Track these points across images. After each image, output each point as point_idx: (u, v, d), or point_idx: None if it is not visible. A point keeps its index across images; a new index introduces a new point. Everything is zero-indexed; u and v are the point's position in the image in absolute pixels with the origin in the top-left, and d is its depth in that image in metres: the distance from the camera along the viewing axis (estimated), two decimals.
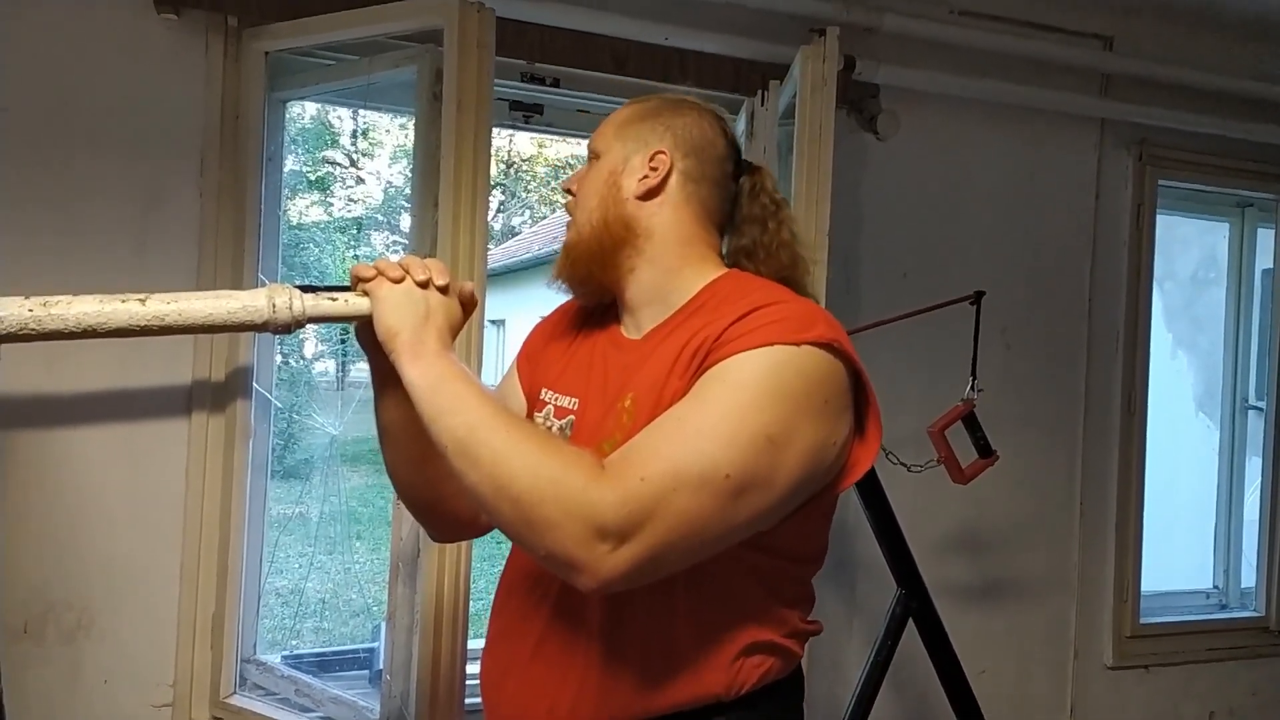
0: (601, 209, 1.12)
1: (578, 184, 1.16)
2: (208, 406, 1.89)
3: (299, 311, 1.02)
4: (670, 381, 1.01)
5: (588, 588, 0.89)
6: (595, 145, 1.16)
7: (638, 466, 0.89)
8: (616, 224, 1.11)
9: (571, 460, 0.90)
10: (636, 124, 1.14)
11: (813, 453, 0.95)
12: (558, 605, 1.06)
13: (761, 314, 0.98)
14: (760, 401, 0.92)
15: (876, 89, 2.36)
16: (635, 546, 0.87)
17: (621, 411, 1.04)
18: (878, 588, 2.28)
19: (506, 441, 0.91)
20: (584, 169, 1.17)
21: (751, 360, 0.94)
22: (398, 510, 1.80)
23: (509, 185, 13.22)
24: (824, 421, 0.96)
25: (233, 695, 1.91)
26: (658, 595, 0.99)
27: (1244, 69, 2.73)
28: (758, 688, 1.04)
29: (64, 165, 1.81)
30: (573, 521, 0.86)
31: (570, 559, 0.87)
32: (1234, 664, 2.88)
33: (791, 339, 0.95)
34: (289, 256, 2.57)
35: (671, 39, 2.14)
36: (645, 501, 0.87)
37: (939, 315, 2.10)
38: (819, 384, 0.96)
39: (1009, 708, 2.57)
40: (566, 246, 1.15)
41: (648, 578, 0.92)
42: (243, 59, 1.89)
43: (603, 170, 1.13)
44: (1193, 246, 3.56)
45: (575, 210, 1.15)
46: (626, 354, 1.11)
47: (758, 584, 1.03)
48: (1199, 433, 3.32)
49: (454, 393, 0.95)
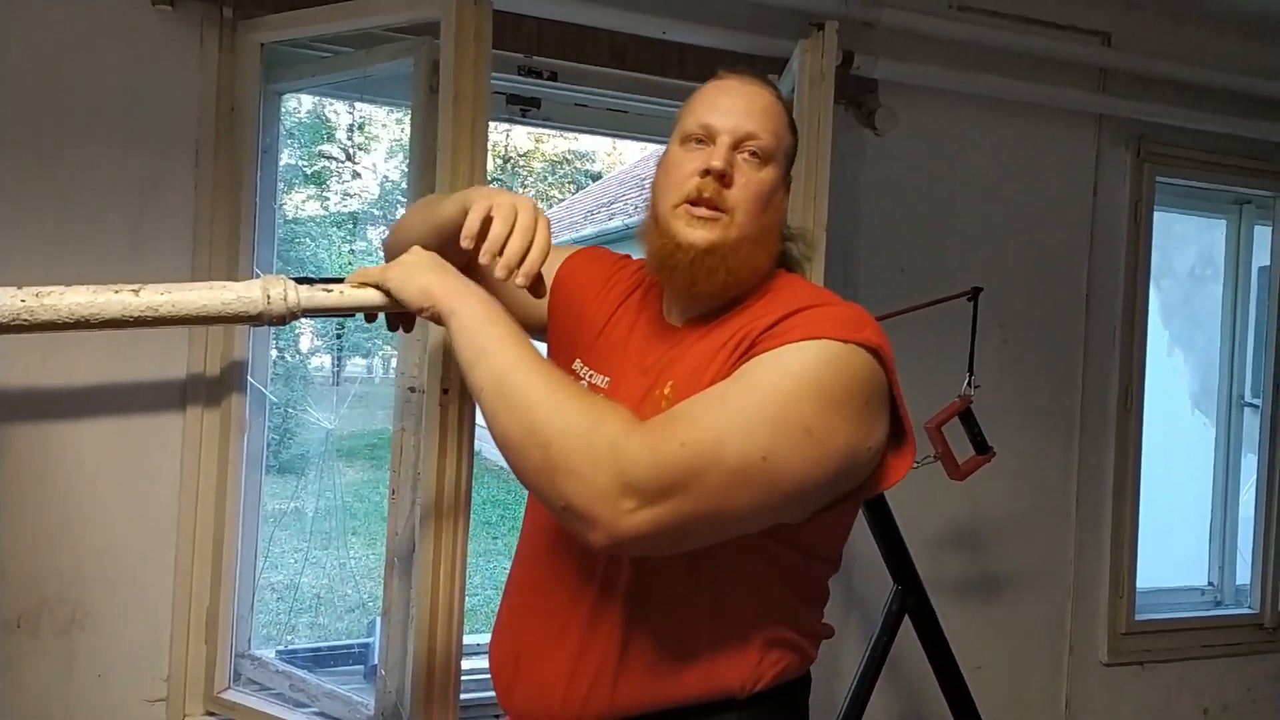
0: (772, 227, 1.09)
1: (741, 177, 1.05)
2: (202, 400, 1.88)
3: (294, 303, 1.01)
4: (710, 369, 1.01)
5: (600, 544, 0.88)
6: (765, 144, 1.06)
7: (680, 432, 0.88)
8: (774, 247, 1.10)
9: (608, 411, 0.89)
10: (792, 143, 1.12)
11: (849, 452, 0.95)
12: (579, 587, 1.05)
13: (815, 312, 0.99)
14: (804, 393, 0.92)
15: (875, 84, 2.36)
16: (660, 510, 0.86)
17: (660, 399, 1.03)
18: (874, 584, 2.28)
19: (545, 386, 0.90)
20: (734, 155, 1.05)
21: (801, 351, 0.94)
22: (393, 506, 1.79)
23: (506, 180, 13.20)
24: (862, 423, 0.96)
25: (227, 690, 1.91)
26: (682, 584, 0.99)
27: (1243, 65, 2.73)
28: (771, 686, 1.03)
29: (58, 156, 1.80)
30: (600, 473, 0.85)
31: (589, 511, 0.86)
32: (1229, 661, 2.89)
33: (841, 335, 0.95)
34: (285, 251, 2.56)
35: (670, 32, 2.13)
36: (681, 467, 0.86)
37: (936, 311, 2.10)
38: (862, 385, 0.96)
39: (1004, 704, 2.57)
40: (719, 250, 1.04)
41: (664, 547, 0.91)
42: (238, 50, 1.88)
43: (775, 181, 1.08)
44: (1190, 243, 3.57)
45: (736, 209, 1.04)
46: (669, 341, 1.11)
47: (781, 580, 1.04)
48: (1195, 429, 3.33)
49: (496, 336, 0.96)
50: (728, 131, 1.05)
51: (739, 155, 1.05)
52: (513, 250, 0.99)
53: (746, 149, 1.05)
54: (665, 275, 1.08)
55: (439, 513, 1.68)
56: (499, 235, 0.99)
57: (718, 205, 1.04)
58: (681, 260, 1.04)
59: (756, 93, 1.09)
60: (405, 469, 1.77)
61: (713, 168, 1.03)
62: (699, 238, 1.03)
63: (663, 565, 0.97)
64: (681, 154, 1.07)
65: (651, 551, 0.91)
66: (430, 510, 1.68)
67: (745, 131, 1.05)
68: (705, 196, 1.04)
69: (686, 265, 1.04)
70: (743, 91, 1.08)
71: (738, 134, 1.05)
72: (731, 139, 1.05)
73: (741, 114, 1.06)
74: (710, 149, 1.05)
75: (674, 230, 1.05)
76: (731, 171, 1.04)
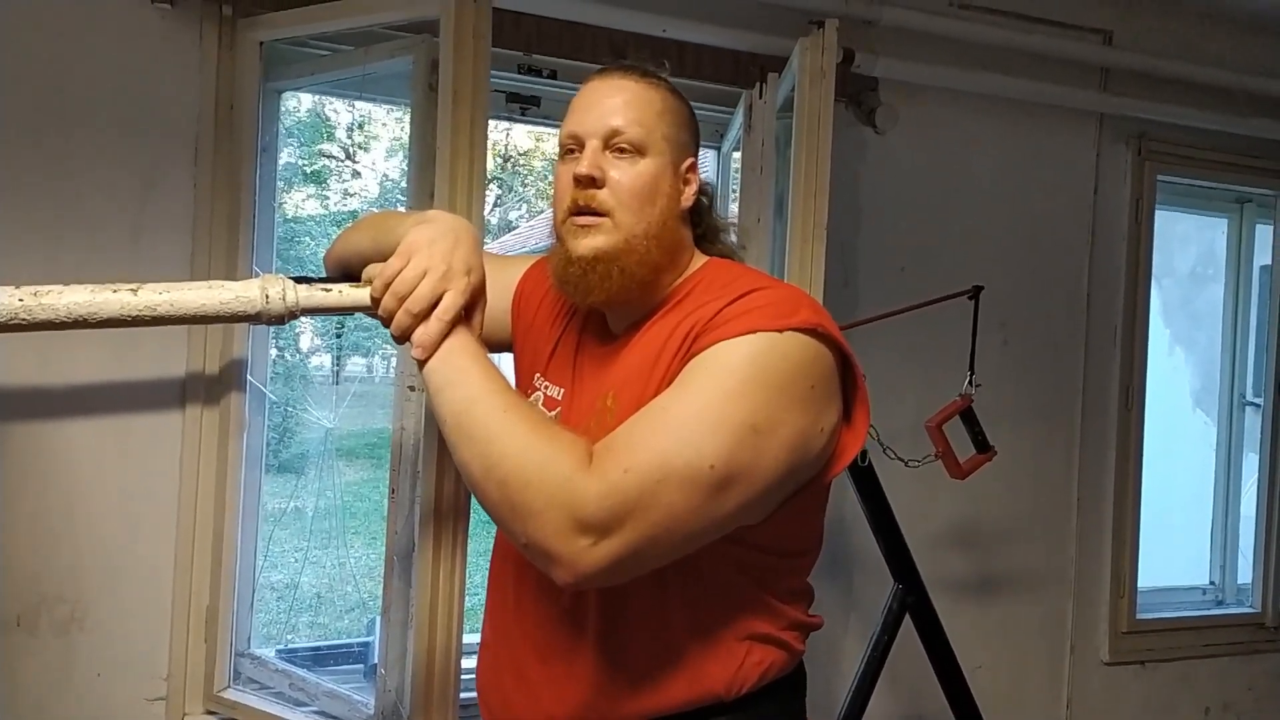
0: (663, 219, 1.04)
1: (614, 174, 1.03)
2: (201, 399, 1.88)
3: (292, 302, 1.01)
4: (655, 372, 0.99)
5: (564, 581, 0.87)
6: (634, 136, 1.03)
7: (622, 458, 0.87)
8: (672, 239, 1.07)
9: (563, 447, 0.88)
10: (674, 124, 1.07)
11: (799, 440, 0.93)
12: (551, 604, 1.05)
13: (745, 301, 0.96)
14: (744, 389, 0.90)
15: (875, 82, 2.36)
16: (615, 542, 0.85)
17: (605, 411, 1.03)
18: (874, 582, 2.27)
19: (502, 421, 0.90)
20: (605, 157, 1.03)
21: (734, 348, 0.92)
22: (393, 505, 1.79)
23: (506, 179, 13.18)
24: (809, 408, 0.94)
25: (227, 689, 1.90)
26: (652, 589, 0.97)
27: (1244, 64, 2.72)
28: (759, 687, 1.02)
29: (57, 154, 1.80)
30: (555, 510, 0.85)
31: (549, 550, 0.86)
32: (1230, 660, 2.88)
33: (774, 325, 0.93)
34: (284, 250, 2.56)
35: (669, 30, 2.12)
36: (629, 494, 0.85)
37: (937, 310, 2.10)
38: (804, 370, 0.94)
39: (1005, 703, 2.56)
40: (607, 255, 1.02)
41: (628, 574, 0.90)
42: (237, 48, 1.87)
43: (657, 171, 1.04)
44: (1191, 243, 3.57)
45: (615, 209, 1.02)
46: (610, 350, 1.09)
47: (748, 579, 1.02)
48: (1196, 429, 3.33)
49: (459, 366, 0.95)
50: (592, 134, 1.03)
51: (609, 155, 1.03)
52: (399, 327, 0.96)
53: (615, 146, 1.03)
54: (567, 290, 1.06)
55: (439, 512, 1.68)
56: (388, 310, 0.96)
57: (595, 210, 1.02)
58: (574, 273, 1.03)
59: (620, 85, 1.06)
60: (405, 468, 1.77)
61: (579, 175, 1.02)
62: (585, 247, 1.02)
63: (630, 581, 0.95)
64: (561, 168, 1.07)
65: (616, 581, 0.90)
66: (430, 509, 1.68)
67: (610, 128, 1.03)
68: (580, 204, 1.03)
69: (580, 277, 1.02)
70: (604, 89, 1.06)
71: (604, 133, 1.03)
72: (599, 140, 1.03)
73: (605, 113, 1.04)
74: (580, 156, 1.04)
75: (567, 245, 1.04)
76: (603, 173, 1.02)
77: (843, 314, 1.97)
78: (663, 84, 1.09)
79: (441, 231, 0.98)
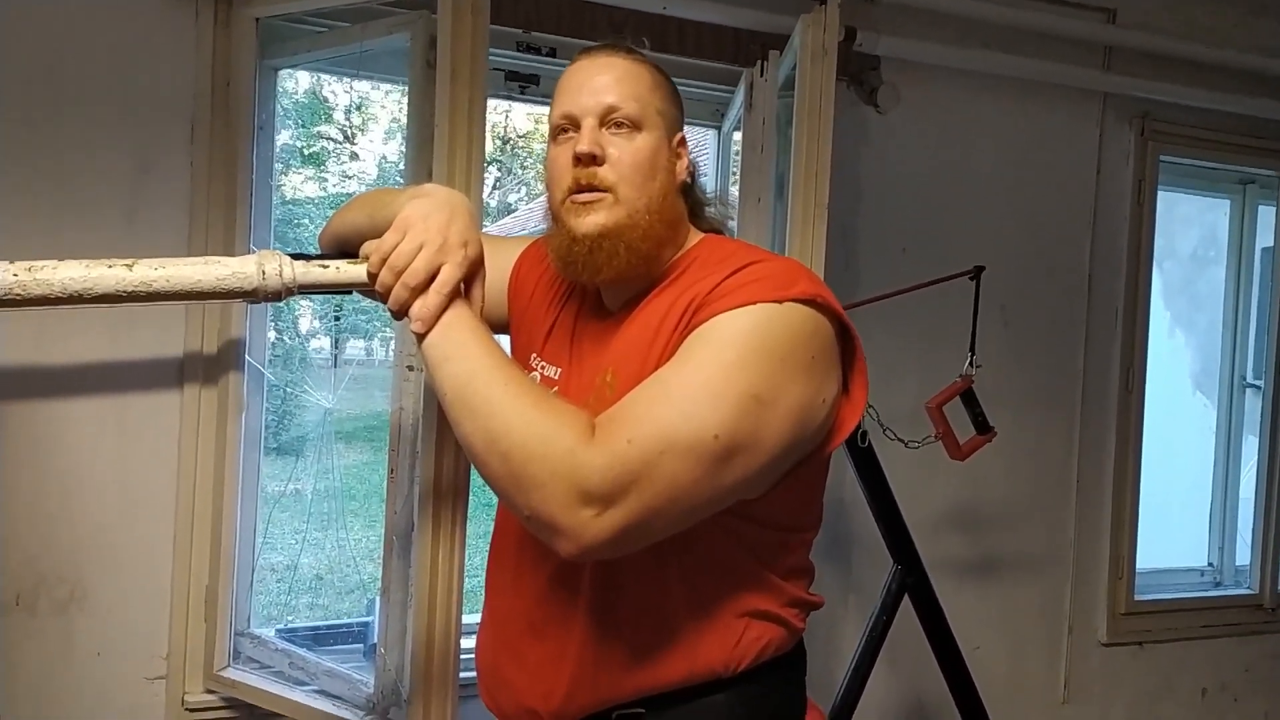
0: (663, 192, 1.05)
1: (614, 151, 1.03)
2: (200, 379, 1.87)
3: (289, 279, 1.00)
4: (654, 347, 0.99)
5: (569, 553, 0.87)
6: (630, 111, 1.03)
7: (625, 429, 0.87)
8: (673, 212, 1.07)
9: (566, 420, 0.88)
10: (665, 98, 1.08)
11: (801, 411, 0.93)
12: (548, 580, 1.05)
13: (744, 274, 0.96)
14: (745, 361, 0.90)
15: (877, 61, 2.34)
16: (619, 513, 0.85)
17: (604, 387, 1.02)
18: (874, 563, 2.28)
19: (504, 394, 0.89)
20: (602, 134, 1.03)
21: (734, 320, 0.92)
22: (392, 485, 1.79)
23: (505, 161, 13.14)
24: (811, 379, 0.94)
25: (227, 668, 1.91)
26: (649, 564, 0.97)
27: (1249, 43, 2.70)
28: (757, 664, 1.02)
29: (52, 134, 1.78)
30: (558, 482, 0.85)
31: (553, 522, 0.86)
32: (1228, 641, 2.89)
33: (774, 296, 0.93)
34: (283, 231, 2.54)
35: (670, 8, 2.10)
36: (632, 465, 0.85)
37: (938, 290, 2.09)
38: (804, 341, 0.94)
39: (1003, 683, 2.57)
40: (612, 231, 1.02)
41: (632, 545, 0.90)
42: (233, 25, 1.86)
43: (655, 145, 1.05)
44: (1193, 224, 3.55)
45: (617, 184, 1.02)
46: (608, 328, 1.09)
47: (748, 554, 1.02)
48: (1196, 411, 3.32)
49: (459, 340, 0.94)
50: (588, 112, 1.03)
51: (606, 131, 1.03)
52: (396, 300, 0.96)
53: (612, 122, 1.03)
54: (570, 271, 1.06)
55: (438, 493, 1.68)
56: (385, 285, 0.96)
57: (597, 186, 1.02)
58: (579, 252, 1.02)
59: (609, 63, 1.06)
60: (404, 449, 1.76)
61: (580, 153, 1.02)
62: (589, 225, 1.02)
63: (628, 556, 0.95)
64: (555, 150, 1.06)
65: (619, 553, 0.90)
66: (429, 490, 1.68)
67: (605, 105, 1.03)
68: (583, 183, 1.02)
69: (586, 255, 1.02)
70: (593, 67, 1.06)
71: (599, 111, 1.03)
72: (595, 118, 1.03)
73: (598, 90, 1.04)
74: (577, 135, 1.04)
75: (568, 225, 1.04)
76: (603, 150, 1.02)
77: (844, 294, 1.95)
78: (647, 60, 1.09)
79: (437, 205, 0.98)
